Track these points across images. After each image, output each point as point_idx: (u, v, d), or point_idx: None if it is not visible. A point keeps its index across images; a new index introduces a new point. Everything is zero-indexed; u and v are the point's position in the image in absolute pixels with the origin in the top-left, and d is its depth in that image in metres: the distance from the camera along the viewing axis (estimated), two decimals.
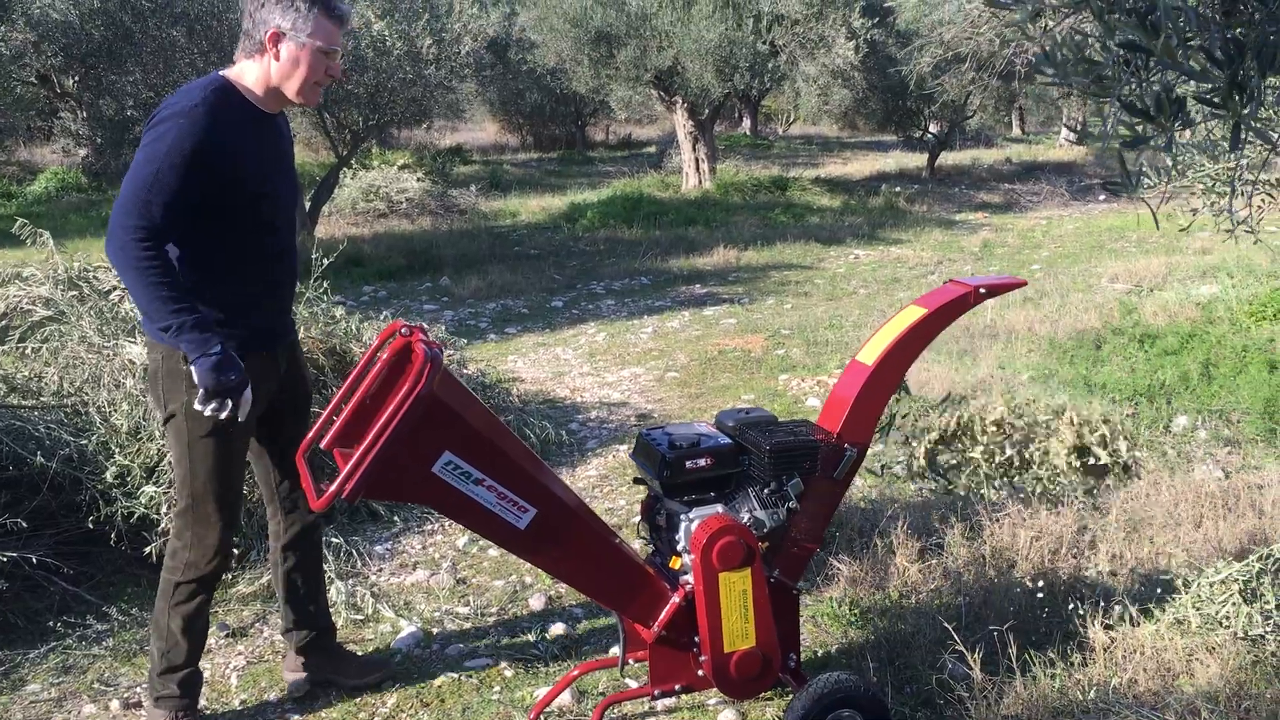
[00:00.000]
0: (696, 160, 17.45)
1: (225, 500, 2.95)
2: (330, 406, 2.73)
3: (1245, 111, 1.12)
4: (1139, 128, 1.22)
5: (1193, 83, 1.18)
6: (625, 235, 13.91)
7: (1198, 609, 3.23)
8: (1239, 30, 1.18)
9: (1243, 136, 1.16)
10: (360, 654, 3.50)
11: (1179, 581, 3.40)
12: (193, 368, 2.73)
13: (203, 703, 3.30)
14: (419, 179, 16.14)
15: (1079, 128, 26.15)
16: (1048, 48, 1.26)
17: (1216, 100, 1.14)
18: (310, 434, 2.74)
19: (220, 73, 2.88)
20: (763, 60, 15.27)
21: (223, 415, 2.77)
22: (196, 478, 2.90)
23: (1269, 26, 1.15)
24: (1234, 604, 3.19)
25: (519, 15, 16.64)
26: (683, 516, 2.78)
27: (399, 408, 2.31)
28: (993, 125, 26.40)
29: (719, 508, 2.80)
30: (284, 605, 3.31)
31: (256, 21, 2.80)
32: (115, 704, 3.29)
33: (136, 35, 10.75)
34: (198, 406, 2.76)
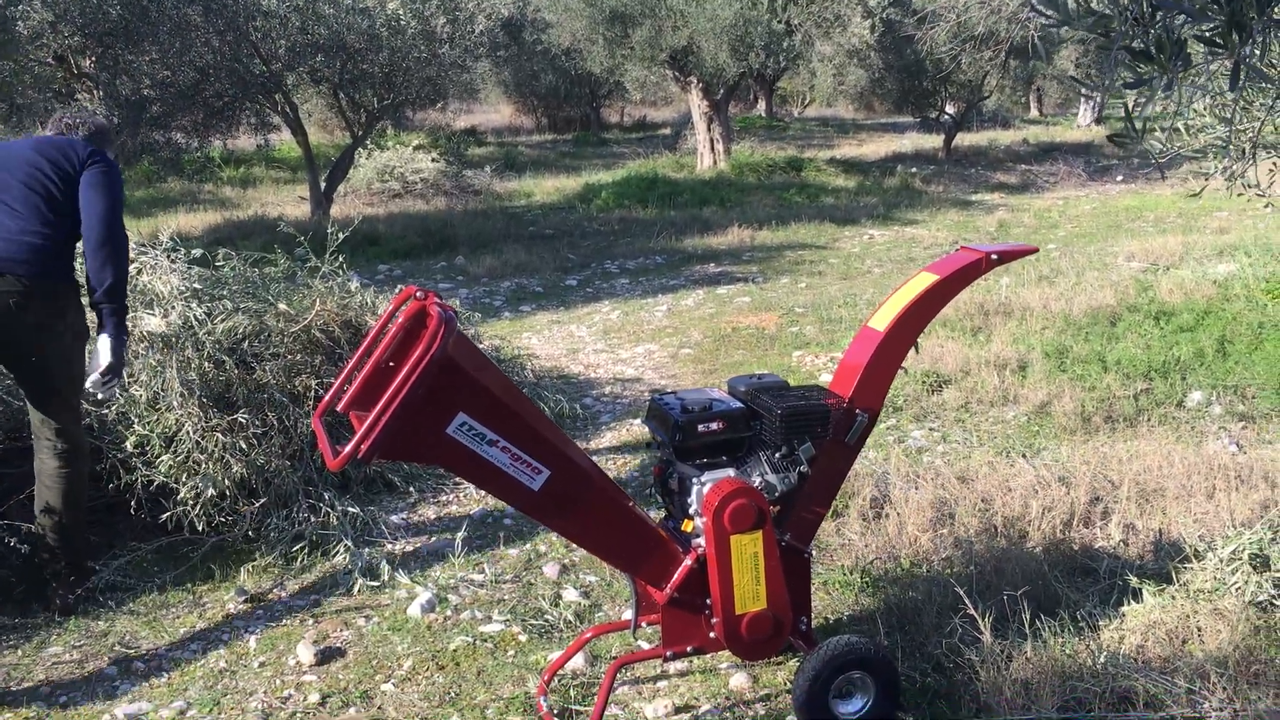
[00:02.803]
0: (711, 141, 17.43)
1: None
2: (346, 370, 2.76)
3: (1244, 50, 1.13)
4: (1140, 70, 1.22)
5: (1195, 25, 1.19)
6: (640, 215, 13.91)
7: (1209, 577, 3.24)
8: None
9: (1241, 75, 1.17)
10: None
11: (1190, 551, 3.42)
12: (112, 342, 3.55)
13: (222, 664, 3.36)
14: (434, 160, 16.18)
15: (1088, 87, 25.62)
16: None
17: (1217, 39, 1.15)
18: (327, 397, 2.77)
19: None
20: (778, 39, 15.23)
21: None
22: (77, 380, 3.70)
23: None
24: (1244, 572, 3.20)
25: None
26: (695, 480, 2.80)
27: (413, 369, 2.34)
28: (1010, 107, 26.22)
29: (731, 471, 2.82)
30: None
31: None
32: (137, 665, 3.34)
33: (153, 14, 10.77)
34: (100, 379, 3.55)
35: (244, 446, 4.20)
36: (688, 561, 2.79)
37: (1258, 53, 1.17)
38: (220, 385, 4.38)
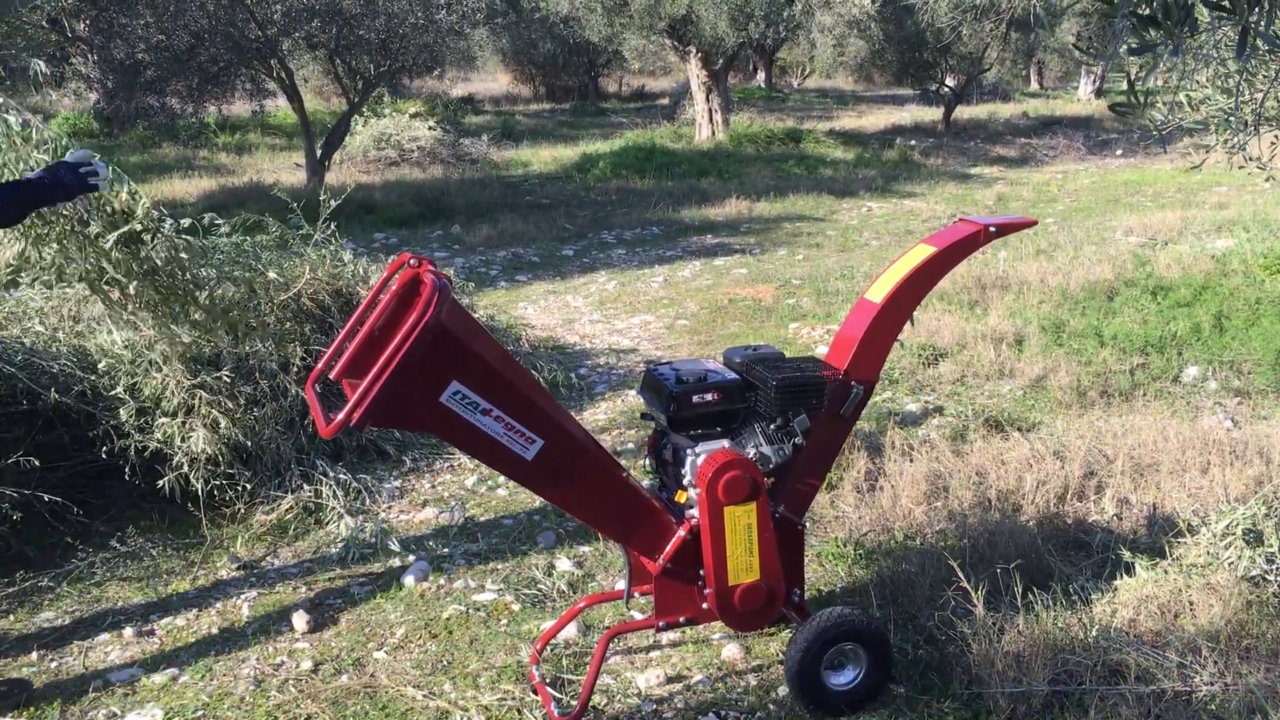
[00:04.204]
0: (710, 111, 17.32)
1: None
2: (339, 338, 2.74)
3: (1252, 17, 1.11)
4: (1146, 36, 1.20)
5: None
6: (637, 185, 13.85)
7: (1202, 552, 3.24)
8: None
9: (1248, 43, 1.14)
10: None
11: (1184, 525, 3.42)
12: None
13: (215, 631, 3.36)
14: (430, 128, 16.05)
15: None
16: None
17: (1225, 4, 1.12)
18: (320, 364, 2.75)
19: None
20: (778, 9, 15.10)
21: None
22: None
23: None
24: (1237, 547, 3.20)
25: None
26: (689, 451, 2.79)
27: (407, 336, 2.32)
28: (1010, 79, 26.03)
29: (725, 443, 2.81)
30: None
31: None
32: (128, 630, 3.34)
33: None
34: None
35: (230, 405, 4.16)
36: (681, 532, 2.78)
37: (1264, 20, 1.14)
38: (210, 352, 4.34)
